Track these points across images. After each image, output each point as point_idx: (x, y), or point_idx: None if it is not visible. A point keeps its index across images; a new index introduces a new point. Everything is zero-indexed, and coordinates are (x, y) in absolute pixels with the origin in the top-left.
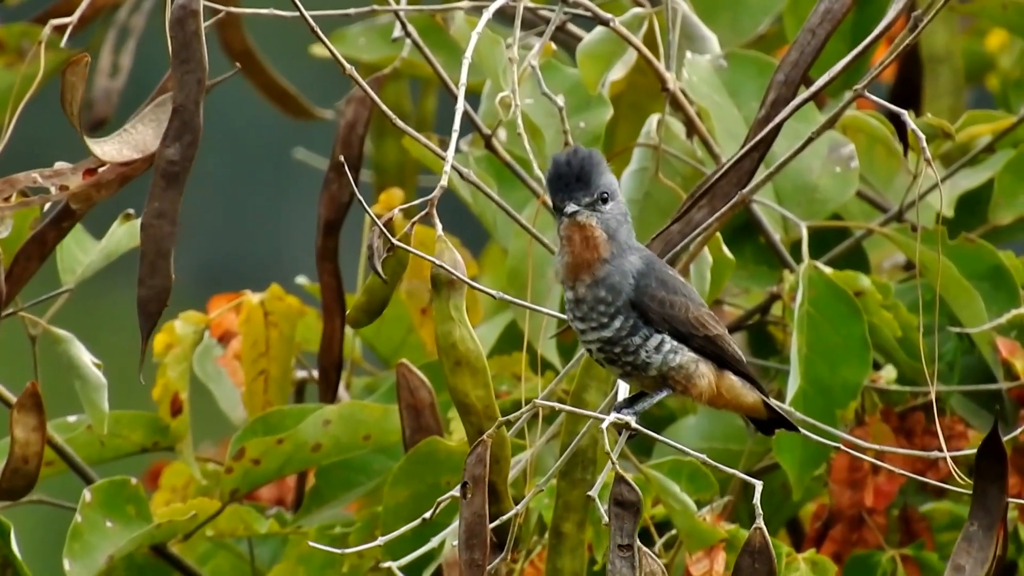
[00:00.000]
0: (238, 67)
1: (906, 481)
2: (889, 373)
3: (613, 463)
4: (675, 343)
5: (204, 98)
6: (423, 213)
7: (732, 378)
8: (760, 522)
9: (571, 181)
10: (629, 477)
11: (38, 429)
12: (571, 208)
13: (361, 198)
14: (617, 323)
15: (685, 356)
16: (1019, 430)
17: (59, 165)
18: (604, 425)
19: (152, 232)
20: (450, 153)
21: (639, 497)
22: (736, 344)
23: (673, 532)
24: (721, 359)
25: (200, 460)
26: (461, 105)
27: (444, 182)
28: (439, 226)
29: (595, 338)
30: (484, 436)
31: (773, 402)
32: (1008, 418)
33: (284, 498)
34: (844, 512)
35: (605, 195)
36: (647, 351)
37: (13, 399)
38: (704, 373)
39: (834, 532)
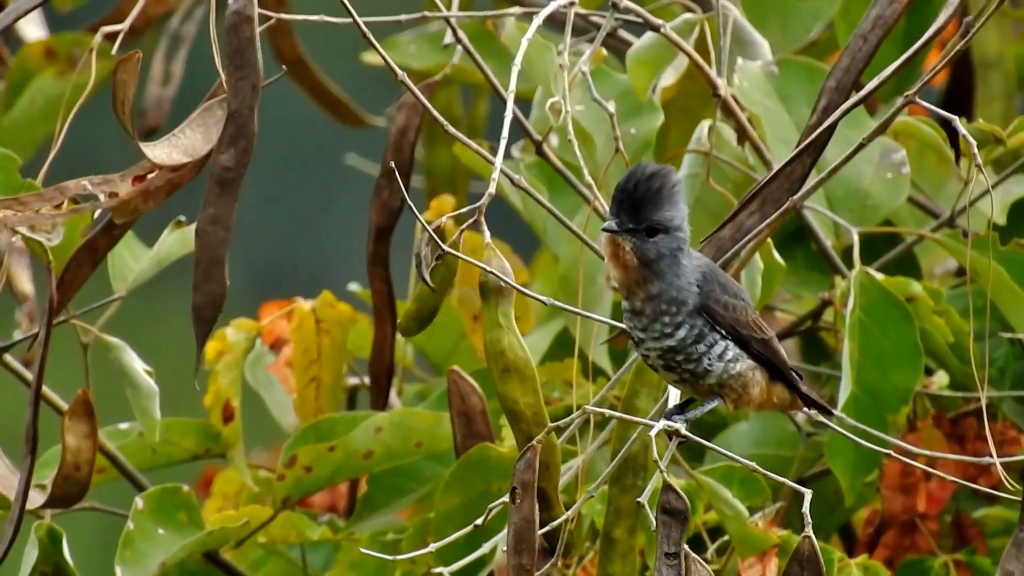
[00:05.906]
0: (284, 70)
1: (958, 487)
2: (941, 379)
3: (662, 470)
4: (737, 350)
5: (258, 104)
6: (472, 220)
7: (780, 385)
8: (809, 530)
9: (624, 201)
10: (677, 484)
11: (90, 436)
12: (606, 224)
13: (412, 204)
14: (682, 332)
15: (744, 363)
16: None
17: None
18: (654, 432)
19: (207, 238)
20: (499, 158)
21: (687, 505)
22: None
23: (725, 538)
24: (772, 365)
25: (252, 467)
26: (510, 110)
27: (492, 188)
28: (487, 233)
29: (657, 347)
30: (533, 442)
31: (816, 401)
32: None
33: (336, 505)
34: (896, 518)
35: (655, 229)
36: (710, 359)
37: (65, 406)
38: (758, 381)
39: (886, 538)
